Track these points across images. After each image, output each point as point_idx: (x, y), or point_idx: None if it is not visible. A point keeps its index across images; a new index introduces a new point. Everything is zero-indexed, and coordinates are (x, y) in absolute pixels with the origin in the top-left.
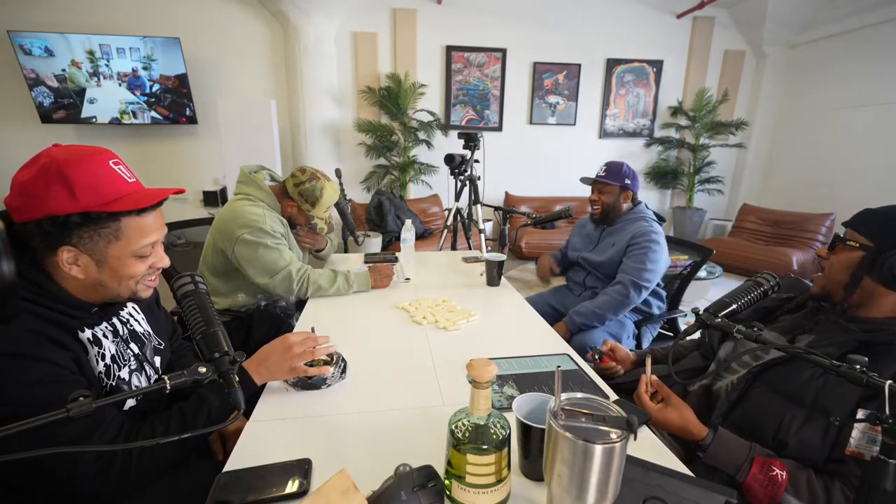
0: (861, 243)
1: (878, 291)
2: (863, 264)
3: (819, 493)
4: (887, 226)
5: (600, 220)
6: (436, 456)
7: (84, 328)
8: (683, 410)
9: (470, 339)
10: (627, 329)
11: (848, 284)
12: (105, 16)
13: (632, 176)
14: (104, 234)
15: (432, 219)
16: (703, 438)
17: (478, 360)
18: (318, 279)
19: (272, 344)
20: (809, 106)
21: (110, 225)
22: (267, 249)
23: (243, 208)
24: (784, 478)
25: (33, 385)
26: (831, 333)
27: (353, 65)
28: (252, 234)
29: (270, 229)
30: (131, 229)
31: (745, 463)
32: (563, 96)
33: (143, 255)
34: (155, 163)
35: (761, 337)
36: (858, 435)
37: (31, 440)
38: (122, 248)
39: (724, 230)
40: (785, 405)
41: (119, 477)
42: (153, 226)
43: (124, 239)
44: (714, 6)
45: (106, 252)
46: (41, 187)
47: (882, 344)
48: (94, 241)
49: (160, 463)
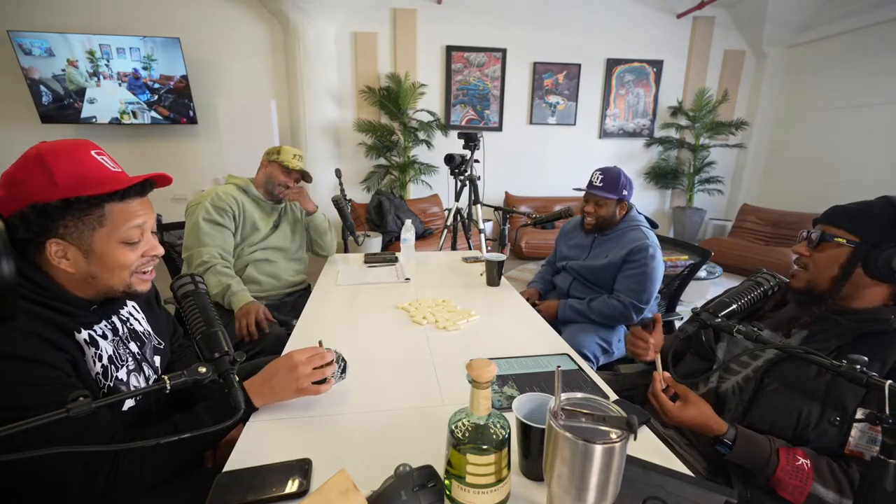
0: (848, 239)
1: (864, 283)
2: (853, 259)
3: (842, 479)
4: (874, 220)
5: (593, 231)
6: (436, 456)
7: (81, 329)
8: (702, 406)
9: (470, 339)
10: (618, 331)
11: (838, 279)
12: (105, 16)
13: (628, 185)
14: (88, 221)
15: (432, 219)
16: (725, 433)
17: (478, 360)
18: (211, 281)
19: (276, 363)
20: (809, 106)
21: (93, 211)
22: (196, 224)
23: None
24: (809, 466)
25: (28, 387)
26: (826, 326)
27: (353, 65)
28: (194, 203)
29: (213, 201)
30: (115, 214)
31: (771, 455)
32: (563, 96)
33: (132, 242)
34: (155, 163)
35: (762, 337)
36: (858, 435)
37: (24, 443)
38: (107, 234)
39: (724, 230)
40: (800, 400)
41: (105, 487)
42: (138, 210)
43: (108, 224)
44: (714, 6)
45: (91, 240)
46: (23, 175)
47: (879, 333)
48: (79, 230)
49: (148, 477)
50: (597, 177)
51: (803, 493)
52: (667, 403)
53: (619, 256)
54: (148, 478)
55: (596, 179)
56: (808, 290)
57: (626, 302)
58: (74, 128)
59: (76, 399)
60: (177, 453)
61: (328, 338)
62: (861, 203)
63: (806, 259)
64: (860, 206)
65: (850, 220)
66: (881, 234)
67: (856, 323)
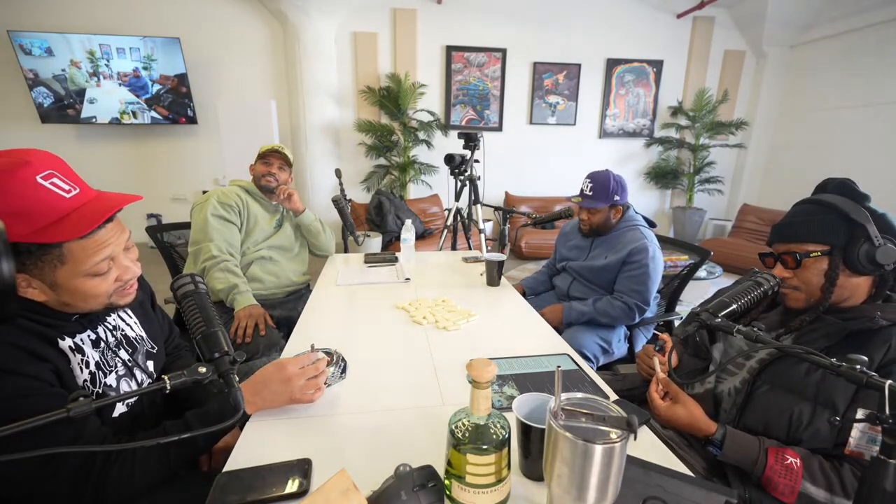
0: (822, 250)
1: (849, 283)
2: (834, 265)
3: (832, 477)
4: (832, 226)
5: (590, 234)
6: (436, 456)
7: (64, 336)
8: (691, 407)
9: (470, 339)
10: (619, 331)
11: (826, 286)
12: (105, 16)
13: (620, 188)
14: (47, 260)
15: (432, 219)
16: (713, 434)
17: (478, 360)
18: (218, 276)
19: (268, 372)
20: (809, 106)
21: (50, 252)
22: (204, 219)
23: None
24: (799, 465)
25: (11, 399)
26: (814, 325)
27: (353, 65)
28: (201, 201)
29: (219, 197)
30: (76, 252)
31: (759, 454)
32: (563, 96)
33: (99, 273)
34: (155, 163)
35: (762, 337)
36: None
37: (14, 448)
38: (69, 271)
39: (724, 230)
40: (791, 401)
41: (93, 493)
42: (104, 242)
43: (70, 262)
44: (714, 6)
45: (54, 276)
46: None
47: (865, 331)
48: (38, 268)
49: (138, 484)
50: (587, 185)
51: (794, 492)
52: (657, 401)
53: (619, 257)
54: (137, 484)
55: (586, 188)
56: (809, 307)
57: (631, 303)
58: (74, 128)
59: (76, 399)
60: (167, 460)
61: (328, 338)
62: (801, 215)
63: (794, 281)
64: (807, 219)
65: (810, 234)
66: (845, 236)
67: (843, 321)
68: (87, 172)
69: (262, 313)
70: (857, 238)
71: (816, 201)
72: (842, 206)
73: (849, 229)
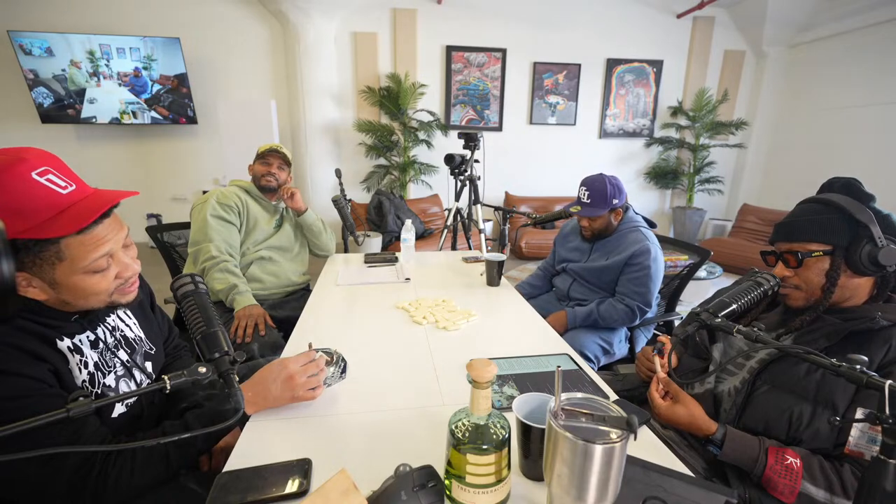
0: (823, 250)
1: (851, 284)
2: (835, 265)
3: (832, 477)
4: (834, 226)
5: (592, 239)
6: (436, 456)
7: (63, 336)
8: (692, 407)
9: (470, 340)
10: (620, 332)
11: (827, 286)
12: (105, 16)
13: (617, 191)
14: (45, 257)
15: (432, 219)
16: (713, 433)
17: (478, 360)
18: (217, 276)
19: (271, 372)
20: (809, 106)
21: (48, 248)
22: (204, 220)
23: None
24: (799, 465)
25: (10, 400)
26: (815, 325)
27: (353, 65)
28: (201, 202)
29: (218, 198)
30: (73, 248)
31: (760, 454)
32: (563, 96)
33: (99, 270)
34: (155, 163)
35: (762, 337)
36: (858, 434)
37: (14, 449)
38: (68, 268)
39: (724, 230)
40: (791, 401)
41: (93, 494)
42: (102, 236)
43: (68, 259)
44: (714, 6)
45: (53, 274)
46: None
47: (865, 332)
48: (37, 265)
49: (137, 484)
50: (583, 193)
51: (794, 492)
52: (657, 401)
53: (622, 259)
54: (137, 485)
55: (583, 196)
56: (809, 306)
57: (633, 306)
58: (74, 128)
59: (76, 399)
60: (167, 460)
61: (328, 338)
62: (805, 214)
63: (795, 279)
64: (810, 218)
65: (813, 233)
66: (847, 236)
67: (844, 321)
68: (87, 172)
69: (262, 313)
70: (860, 239)
71: (821, 200)
72: (846, 206)
73: (852, 230)
